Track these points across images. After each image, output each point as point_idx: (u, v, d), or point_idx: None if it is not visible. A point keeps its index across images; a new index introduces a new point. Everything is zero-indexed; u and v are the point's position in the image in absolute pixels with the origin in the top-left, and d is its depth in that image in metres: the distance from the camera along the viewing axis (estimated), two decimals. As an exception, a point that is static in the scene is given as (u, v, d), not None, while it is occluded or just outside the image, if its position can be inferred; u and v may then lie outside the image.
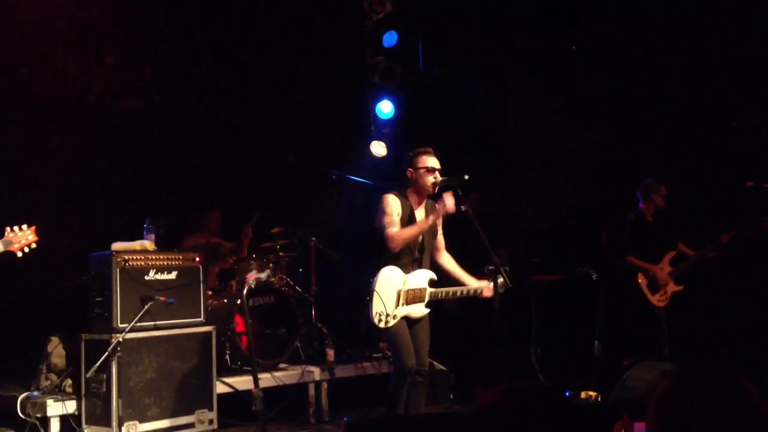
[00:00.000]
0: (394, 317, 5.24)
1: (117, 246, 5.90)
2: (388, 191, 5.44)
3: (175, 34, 7.87)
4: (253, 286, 5.93)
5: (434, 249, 5.61)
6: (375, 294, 5.17)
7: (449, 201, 5.23)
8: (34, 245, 5.25)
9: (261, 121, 8.36)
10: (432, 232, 5.52)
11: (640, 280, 7.04)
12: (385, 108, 8.78)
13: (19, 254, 5.22)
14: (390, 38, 8.51)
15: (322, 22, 8.52)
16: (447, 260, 5.66)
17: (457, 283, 5.56)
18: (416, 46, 8.85)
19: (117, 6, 7.62)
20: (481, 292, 5.45)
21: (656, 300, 7.03)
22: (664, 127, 7.92)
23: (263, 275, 5.87)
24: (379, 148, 8.74)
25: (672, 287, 7.08)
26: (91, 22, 7.48)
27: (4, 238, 5.12)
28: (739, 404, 1.82)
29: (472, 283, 5.52)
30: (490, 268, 5.04)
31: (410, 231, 5.26)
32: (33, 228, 5.23)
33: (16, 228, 5.21)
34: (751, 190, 6.93)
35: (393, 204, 5.32)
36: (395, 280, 5.27)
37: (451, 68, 9.08)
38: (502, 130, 9.07)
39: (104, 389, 5.59)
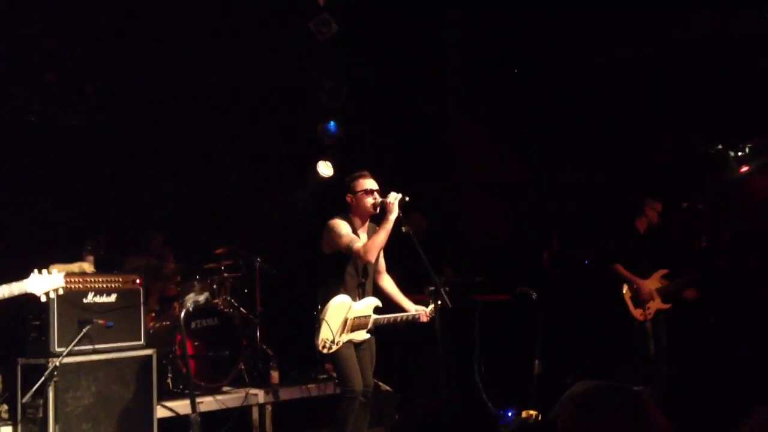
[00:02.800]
0: (338, 343, 5.30)
1: (54, 268, 5.78)
2: (332, 216, 5.47)
3: (117, 51, 7.79)
4: (190, 308, 5.86)
5: (375, 272, 5.66)
6: (324, 323, 5.21)
7: (393, 196, 5.23)
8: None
9: (204, 140, 8.30)
10: None
11: (624, 291, 6.99)
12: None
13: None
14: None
15: (269, 41, 8.52)
16: (387, 283, 5.75)
17: (397, 306, 5.66)
18: (363, 66, 8.91)
19: (58, 23, 7.52)
20: (419, 318, 5.57)
21: (639, 314, 6.97)
22: (606, 148, 8.07)
23: (201, 298, 5.81)
24: (326, 168, 8.74)
25: (657, 304, 7.04)
26: (31, 38, 7.36)
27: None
28: (640, 424, 1.87)
29: (410, 308, 5.65)
30: (431, 289, 5.08)
31: (379, 236, 5.27)
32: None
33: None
34: (686, 211, 7.12)
35: (343, 224, 5.36)
36: (343, 309, 5.33)
37: (396, 88, 9.14)
38: (446, 151, 9.15)
39: (41, 415, 5.45)
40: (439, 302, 5.07)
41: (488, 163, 8.82)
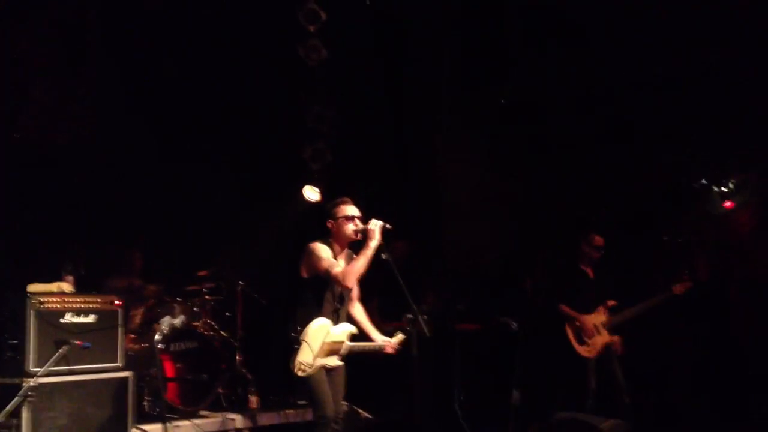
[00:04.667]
0: (311, 367, 5.29)
1: (33, 287, 5.77)
2: (313, 241, 5.48)
3: (105, 69, 7.81)
4: (165, 331, 5.83)
5: (348, 299, 5.66)
6: (304, 344, 5.20)
7: (374, 223, 5.24)
8: None
9: (189, 161, 8.30)
10: None
11: (567, 329, 7.05)
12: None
13: None
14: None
15: (258, 63, 8.56)
16: (358, 312, 5.77)
17: (364, 336, 5.68)
18: (351, 89, 8.95)
19: (47, 40, 7.53)
20: (384, 349, 5.62)
21: (583, 350, 7.00)
22: (590, 177, 8.12)
23: (177, 321, 5.79)
24: (312, 193, 8.75)
25: (603, 338, 7.04)
26: (18, 56, 7.37)
27: None
28: None
29: (376, 338, 5.68)
30: (409, 316, 5.09)
31: (360, 262, 5.26)
32: None
33: None
34: (666, 244, 7.15)
35: (324, 248, 5.38)
36: (322, 332, 5.33)
37: (383, 114, 9.18)
38: (432, 177, 9.18)
39: (15, 435, 5.41)
40: (417, 330, 5.08)
41: (474, 191, 8.84)
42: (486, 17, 8.58)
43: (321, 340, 5.31)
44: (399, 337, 5.59)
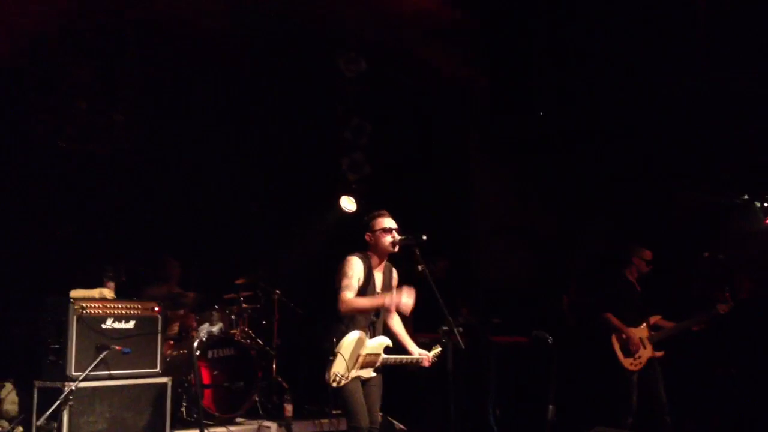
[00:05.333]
0: (346, 378, 5.29)
1: (75, 293, 5.88)
2: (352, 253, 5.50)
3: (147, 80, 7.95)
4: (203, 338, 5.90)
5: (386, 311, 5.66)
6: (339, 356, 5.20)
7: (405, 299, 5.25)
8: None
9: (229, 171, 8.40)
10: None
11: (613, 341, 6.95)
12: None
13: None
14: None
15: (297, 75, 8.64)
16: (396, 323, 5.74)
17: (402, 348, 5.65)
18: (389, 104, 9.00)
19: (91, 51, 7.68)
20: (421, 362, 5.58)
21: (628, 363, 6.90)
22: (621, 194, 8.06)
23: (215, 328, 5.85)
24: (348, 204, 8.80)
25: (648, 353, 6.97)
26: (65, 67, 7.53)
27: None
28: None
29: (413, 351, 5.63)
30: (444, 328, 5.08)
31: (363, 303, 5.31)
32: None
33: None
34: (706, 261, 7.06)
35: (355, 266, 5.37)
36: (359, 344, 5.32)
37: (420, 128, 9.21)
38: (466, 193, 9.18)
39: (55, 438, 5.51)
40: (452, 342, 5.07)
41: (509, 204, 8.83)
42: (516, 46, 8.57)
43: (357, 353, 5.31)
44: (436, 350, 5.58)
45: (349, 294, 5.28)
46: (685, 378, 7.30)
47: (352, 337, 5.31)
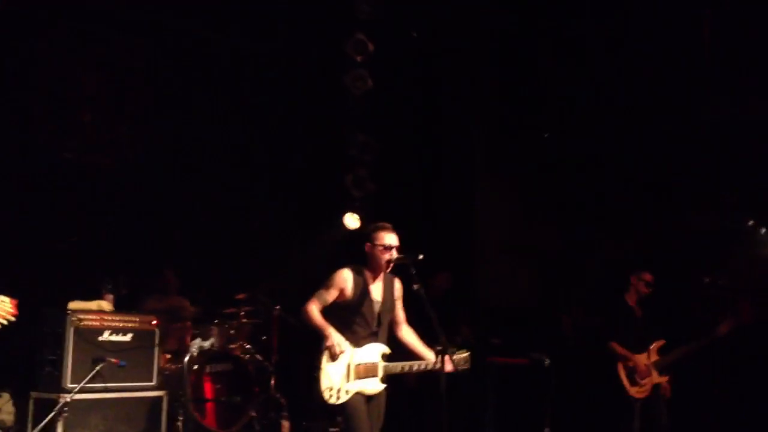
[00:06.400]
0: (347, 392, 5.20)
1: (73, 305, 5.91)
2: (347, 266, 5.49)
3: (152, 93, 8.00)
4: (194, 353, 5.91)
5: (393, 323, 5.61)
6: (322, 370, 5.16)
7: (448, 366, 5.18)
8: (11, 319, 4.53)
9: (230, 186, 8.43)
10: (389, 305, 5.53)
11: (619, 369, 6.87)
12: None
13: None
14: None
15: (302, 91, 8.69)
16: (407, 334, 5.61)
17: (417, 357, 5.49)
18: (394, 122, 9.03)
19: (97, 64, 7.75)
20: (437, 367, 5.17)
21: (634, 391, 6.84)
22: (627, 216, 8.04)
23: (206, 343, 5.86)
24: (352, 221, 8.80)
25: (654, 379, 6.89)
26: (71, 81, 7.60)
27: None
28: None
29: (431, 357, 5.41)
30: (438, 348, 5.04)
31: (316, 320, 5.27)
32: (15, 302, 4.51)
33: None
34: (708, 285, 7.02)
35: (341, 281, 5.36)
36: (343, 354, 5.27)
37: (425, 146, 9.23)
38: (470, 212, 9.17)
39: (48, 450, 5.52)
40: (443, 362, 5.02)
41: (513, 224, 8.81)
42: (524, 62, 8.60)
43: (344, 363, 5.25)
44: (462, 354, 5.38)
45: (315, 306, 5.29)
46: (686, 402, 7.24)
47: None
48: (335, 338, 5.20)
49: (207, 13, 7.92)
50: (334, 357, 5.18)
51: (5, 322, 4.45)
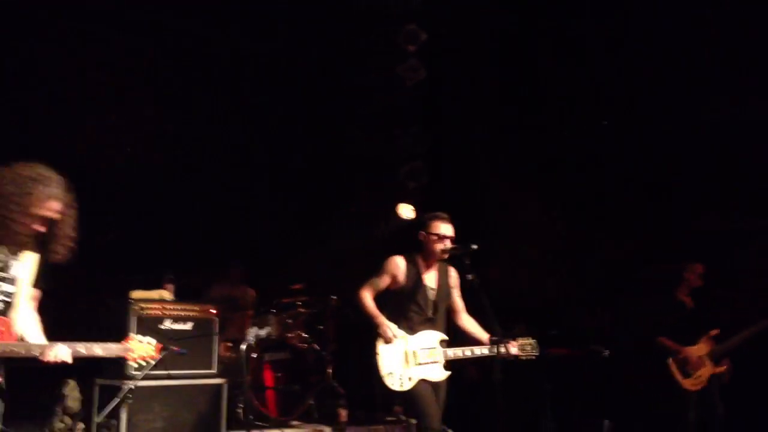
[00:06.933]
0: (409, 379, 5.24)
1: (135, 294, 6.05)
2: (401, 253, 5.53)
3: (210, 89, 8.12)
4: (252, 341, 6.00)
5: (452, 312, 5.62)
6: (378, 356, 5.21)
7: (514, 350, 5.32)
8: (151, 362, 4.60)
9: (289, 180, 8.52)
10: (445, 293, 5.55)
11: (670, 364, 6.80)
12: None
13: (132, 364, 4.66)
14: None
15: (358, 79, 8.72)
16: (467, 322, 5.62)
17: (478, 344, 5.48)
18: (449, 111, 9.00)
19: (110, 68, 7.85)
20: (500, 354, 5.15)
21: (689, 384, 6.76)
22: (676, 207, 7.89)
23: (263, 331, 5.95)
24: (407, 211, 8.83)
25: (709, 370, 6.82)
26: (126, 78, 7.75)
27: (123, 343, 4.45)
28: None
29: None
30: (493, 338, 5.05)
31: (368, 309, 5.39)
32: (158, 346, 4.53)
33: (140, 337, 4.51)
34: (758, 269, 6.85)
35: (393, 267, 5.45)
36: (398, 341, 5.30)
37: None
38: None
39: (113, 435, 5.68)
40: (500, 353, 5.02)
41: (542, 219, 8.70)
42: (541, 51, 8.47)
43: (401, 350, 5.29)
44: (527, 341, 5.44)
45: (368, 292, 5.40)
46: (744, 391, 7.10)
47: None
48: (385, 323, 5.28)
49: (207, 13, 7.93)
50: (387, 341, 5.22)
51: (144, 363, 4.54)
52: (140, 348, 4.45)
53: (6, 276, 4.05)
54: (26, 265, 4.09)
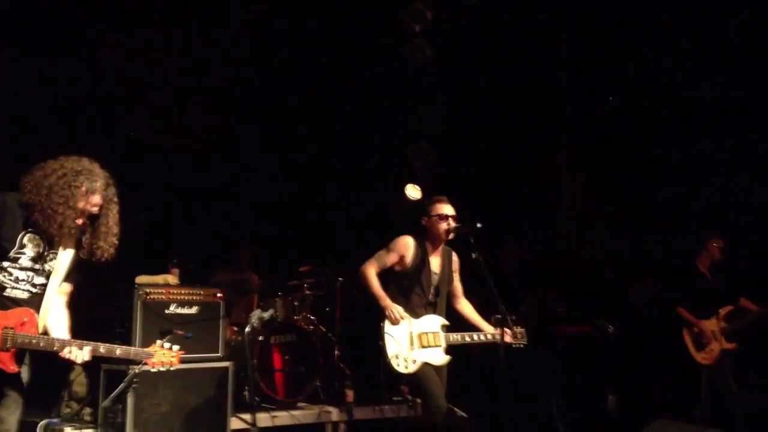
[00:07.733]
0: (414, 362, 5.27)
1: (140, 279, 6.05)
2: (410, 234, 5.52)
3: (225, 78, 8.09)
4: (255, 324, 5.99)
5: (452, 296, 5.65)
6: (386, 336, 5.21)
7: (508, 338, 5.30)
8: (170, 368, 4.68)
9: (295, 161, 8.49)
10: (447, 278, 5.56)
11: (685, 335, 6.82)
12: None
13: (153, 369, 4.67)
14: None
15: (363, 63, 8.67)
16: (465, 307, 5.69)
17: (475, 330, 5.55)
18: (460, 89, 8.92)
19: (172, 51, 7.85)
20: (496, 339, 5.36)
21: (700, 357, 6.78)
22: (711, 184, 7.84)
23: (266, 314, 5.93)
24: (414, 191, 8.79)
25: (720, 345, 6.82)
26: (146, 64, 7.73)
27: (146, 349, 4.58)
28: None
29: (489, 329, 5.51)
30: (497, 317, 5.04)
31: (372, 283, 5.38)
32: (179, 353, 4.63)
33: (166, 344, 4.65)
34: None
35: (403, 247, 5.45)
36: (403, 324, 5.30)
37: (496, 115, 9.09)
38: (554, 185, 9.04)
39: (120, 420, 5.68)
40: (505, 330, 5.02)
41: (594, 200, 8.67)
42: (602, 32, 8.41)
43: (406, 332, 5.29)
44: (519, 328, 5.43)
45: (373, 269, 5.37)
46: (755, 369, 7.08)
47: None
48: (391, 305, 5.28)
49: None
50: (394, 322, 5.21)
51: (163, 369, 4.62)
52: (161, 355, 4.54)
53: (39, 268, 4.08)
54: (63, 259, 4.11)
